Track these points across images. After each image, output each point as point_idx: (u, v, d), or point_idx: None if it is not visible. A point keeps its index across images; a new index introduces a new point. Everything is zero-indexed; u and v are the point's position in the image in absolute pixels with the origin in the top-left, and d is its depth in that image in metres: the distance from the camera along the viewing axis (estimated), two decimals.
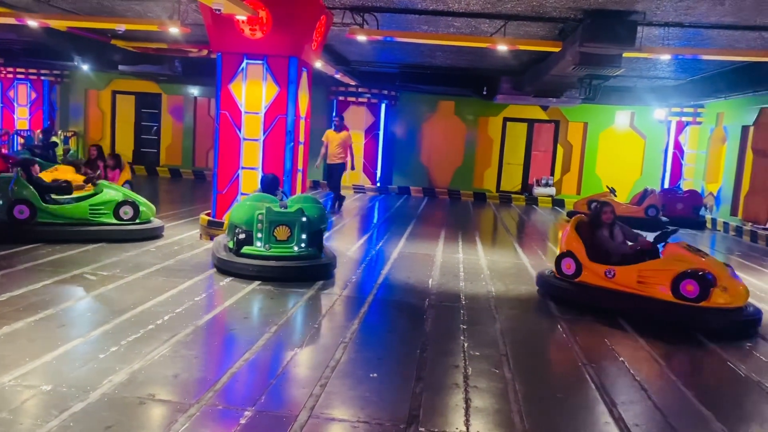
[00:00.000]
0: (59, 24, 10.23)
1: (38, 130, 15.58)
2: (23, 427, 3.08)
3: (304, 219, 6.53)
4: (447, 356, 4.56)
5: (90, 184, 8.22)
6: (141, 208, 8.15)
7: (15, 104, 17.35)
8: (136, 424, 3.23)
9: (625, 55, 8.64)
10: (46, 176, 8.87)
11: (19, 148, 15.06)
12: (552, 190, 17.09)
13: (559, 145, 17.47)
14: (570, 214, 13.49)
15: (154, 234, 8.21)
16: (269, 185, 7.12)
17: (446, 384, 4.04)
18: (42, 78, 17.32)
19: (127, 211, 8.00)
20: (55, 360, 3.96)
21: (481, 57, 12.03)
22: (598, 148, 17.27)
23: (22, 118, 17.30)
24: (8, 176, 7.81)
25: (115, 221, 7.93)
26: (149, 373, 3.85)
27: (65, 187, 8.09)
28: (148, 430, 3.17)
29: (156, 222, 8.44)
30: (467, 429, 3.41)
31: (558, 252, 6.64)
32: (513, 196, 17.30)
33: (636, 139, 17.16)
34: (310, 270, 6.52)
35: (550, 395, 4.02)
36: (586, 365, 4.57)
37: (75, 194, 8.07)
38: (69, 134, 17.56)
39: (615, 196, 13.44)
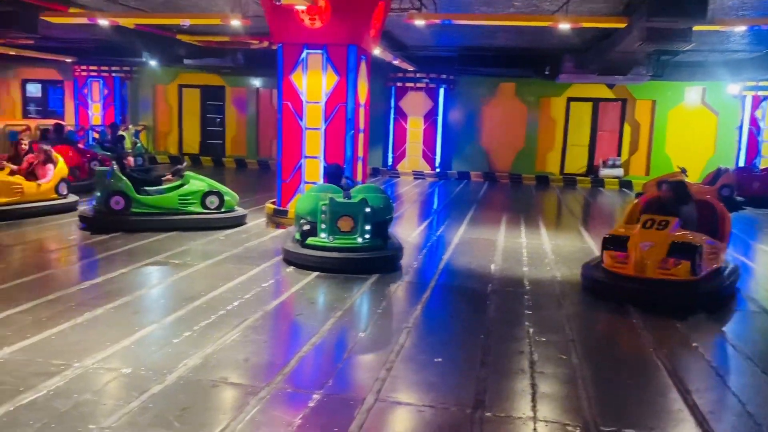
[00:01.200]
0: (128, 21, 10.62)
1: (108, 125, 16.25)
2: (106, 408, 3.26)
3: (367, 210, 6.41)
4: (512, 342, 4.53)
5: (176, 176, 8.52)
6: (225, 198, 8.42)
7: (89, 101, 18.14)
8: (210, 405, 3.36)
9: (695, 28, 8.26)
10: None
11: (92, 143, 15.76)
12: (619, 171, 16.58)
13: (626, 124, 16.90)
14: (639, 196, 13.06)
15: (238, 222, 8.49)
16: (333, 175, 7.11)
17: (512, 369, 4.01)
18: (113, 75, 18.02)
19: (213, 201, 8.31)
20: (133, 344, 4.16)
21: (543, 36, 11.74)
22: (667, 127, 16.61)
23: (96, 114, 18.08)
24: (105, 169, 8.23)
25: (202, 210, 8.24)
26: (221, 357, 3.99)
27: (156, 179, 8.47)
28: (222, 412, 3.29)
29: (240, 210, 8.68)
30: (534, 414, 3.39)
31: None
32: (578, 178, 16.87)
33: (708, 116, 16.41)
34: (374, 262, 6.38)
35: (619, 381, 3.93)
36: (657, 351, 4.44)
37: (165, 186, 8.43)
38: (139, 128, 18.24)
39: (686, 176, 12.92)
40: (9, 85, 19.62)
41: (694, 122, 16.43)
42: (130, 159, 8.68)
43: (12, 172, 8.71)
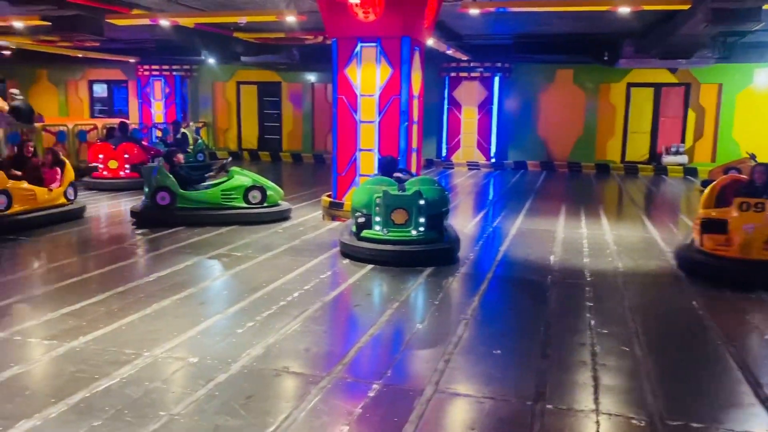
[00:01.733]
0: (187, 21, 10.93)
1: (171, 123, 16.78)
2: (175, 395, 3.39)
3: (421, 202, 6.37)
4: (572, 334, 4.45)
5: (221, 172, 8.73)
6: (268, 192, 8.54)
7: (152, 99, 18.77)
8: (273, 394, 3.45)
9: (765, 7, 7.87)
10: None
11: (156, 140, 16.32)
12: (684, 158, 15.99)
13: (690, 110, 16.27)
14: (705, 184, 12.59)
15: (281, 216, 8.58)
16: (387, 167, 7.11)
17: (573, 361, 3.95)
18: (174, 73, 18.57)
19: (255, 195, 8.44)
20: (199, 334, 4.30)
21: (601, 21, 11.42)
22: (735, 111, 15.89)
23: (158, 112, 18.69)
24: (152, 166, 8.51)
25: (244, 205, 8.40)
26: (283, 347, 4.08)
27: (201, 176, 8.71)
28: (284, 401, 3.37)
29: (284, 205, 8.80)
30: (597, 407, 3.33)
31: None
32: (639, 166, 16.37)
33: None
34: (429, 254, 6.32)
35: (686, 374, 3.82)
36: (726, 343, 4.29)
37: (211, 182, 8.64)
38: (199, 125, 18.74)
39: (756, 161, 12.36)
40: (77, 86, 20.48)
41: (764, 106, 15.67)
42: (180, 156, 8.87)
43: (15, 177, 7.89)
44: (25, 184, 7.91)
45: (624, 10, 8.56)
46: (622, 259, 6.68)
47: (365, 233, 6.48)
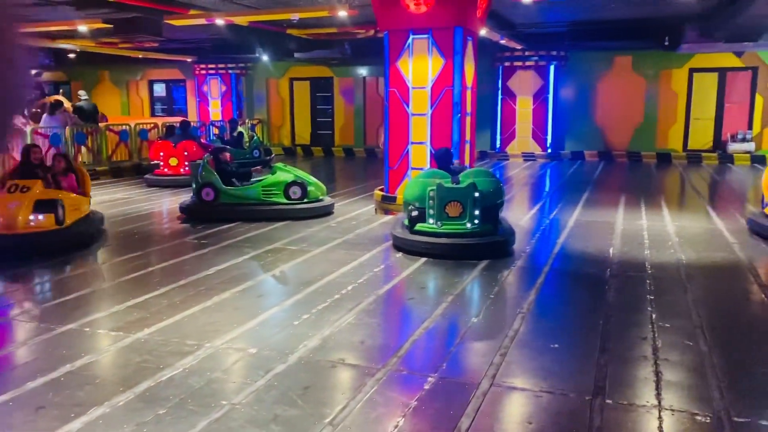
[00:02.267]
0: (242, 19, 11.13)
1: (228, 121, 17.16)
2: (235, 385, 3.47)
3: (476, 194, 6.29)
4: (633, 327, 4.34)
5: (265, 168, 8.86)
6: (309, 188, 8.54)
7: (209, 97, 19.23)
8: (330, 385, 3.50)
9: None
10: None
11: (213, 138, 16.72)
12: (750, 146, 15.30)
13: (757, 95, 15.54)
14: None
15: (323, 212, 8.56)
16: (442, 159, 7.01)
17: (633, 356, 3.85)
18: (230, 72, 18.97)
19: (295, 191, 8.48)
20: (258, 326, 4.40)
21: (662, 4, 11.04)
22: None
23: (215, 110, 19.14)
24: (198, 163, 8.73)
25: (284, 201, 8.46)
26: (338, 339, 4.13)
27: (246, 173, 8.85)
28: (341, 391, 3.41)
29: (326, 200, 8.79)
30: (659, 403, 3.24)
31: None
32: (703, 154, 15.77)
33: None
34: (483, 247, 6.26)
35: (754, 370, 3.67)
36: None
37: (255, 178, 8.78)
38: (255, 122, 19.11)
39: None
40: (138, 86, 21.19)
41: None
42: (227, 154, 9.05)
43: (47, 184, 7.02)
44: (72, 195, 7.19)
45: None
46: (684, 251, 6.46)
47: (419, 226, 6.44)
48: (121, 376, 3.62)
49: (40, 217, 6.61)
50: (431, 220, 6.40)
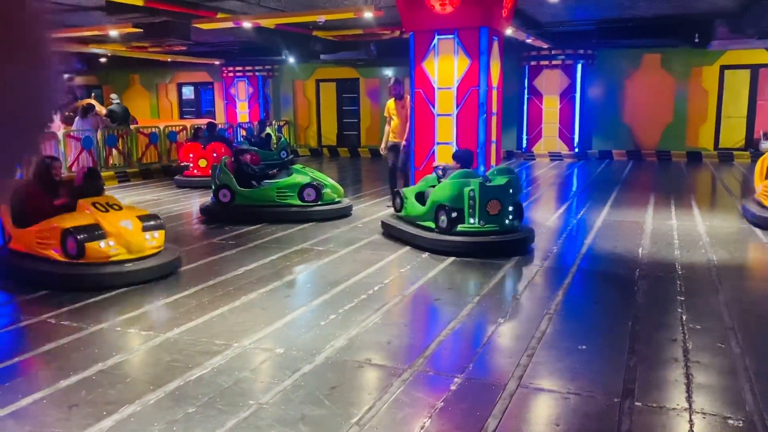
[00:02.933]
0: (268, 22, 11.24)
1: (256, 122, 17.34)
2: (263, 385, 3.51)
3: (511, 191, 6.44)
4: (663, 329, 4.28)
5: (282, 170, 8.93)
6: (324, 191, 8.51)
7: (236, 99, 19.45)
8: (357, 385, 3.52)
9: None
10: None
11: (241, 139, 16.90)
12: None
13: None
14: None
15: (338, 214, 8.52)
16: (464, 159, 7.06)
17: (663, 358, 3.80)
18: (257, 74, 19.16)
19: (309, 193, 8.46)
20: (285, 326, 4.44)
21: (691, 1, 10.85)
22: None
23: (242, 111, 19.35)
24: (216, 165, 8.84)
25: (298, 202, 8.46)
26: (365, 339, 4.15)
27: (264, 174, 8.91)
28: (368, 392, 3.43)
29: (343, 202, 8.78)
30: (690, 406, 3.19)
31: None
32: (735, 153, 15.45)
33: None
34: (516, 244, 6.41)
35: None
36: None
37: (274, 179, 8.81)
38: (281, 123, 19.26)
39: None
40: (167, 89, 21.52)
41: None
42: (248, 156, 9.13)
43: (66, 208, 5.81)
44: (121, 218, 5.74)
45: None
46: (716, 251, 6.35)
47: (462, 227, 6.46)
48: (152, 374, 3.69)
49: (156, 235, 5.82)
50: (472, 220, 6.44)
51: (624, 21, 13.78)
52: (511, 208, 6.45)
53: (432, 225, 6.69)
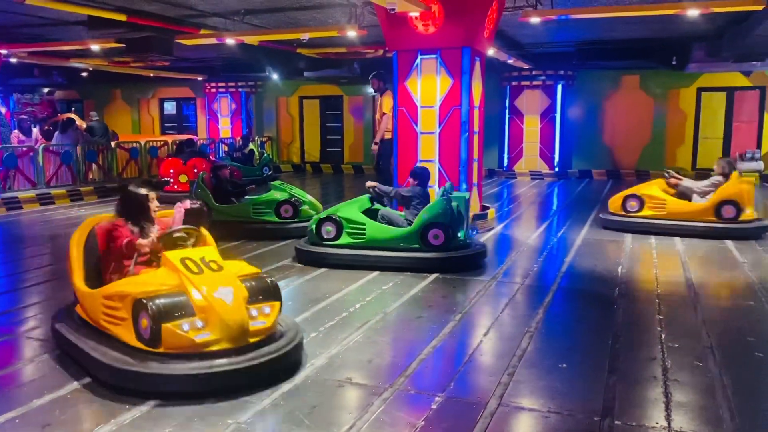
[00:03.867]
0: (252, 39, 11.26)
1: (239, 138, 17.31)
2: (242, 404, 3.46)
3: (467, 206, 6.96)
4: (642, 348, 4.31)
5: (261, 186, 8.95)
6: (301, 208, 8.46)
7: (219, 115, 19.42)
8: (337, 404, 3.49)
9: None
10: None
11: (223, 155, 16.86)
12: (759, 165, 15.20)
13: (766, 114, 15.52)
14: None
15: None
16: (425, 177, 7.13)
17: (643, 377, 3.82)
18: (240, 90, 19.17)
19: (287, 210, 8.42)
20: None
21: (669, 24, 11.08)
22: None
23: (225, 127, 19.32)
24: (194, 181, 8.82)
25: (275, 219, 8.42)
26: (345, 358, 4.12)
27: (242, 190, 8.93)
28: (348, 411, 3.40)
29: None
30: (669, 424, 3.21)
31: None
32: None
33: None
34: (477, 258, 6.73)
35: (765, 391, 3.64)
36: None
37: (252, 196, 8.86)
38: (264, 139, 19.25)
39: None
40: (149, 104, 21.42)
41: None
42: (226, 171, 9.18)
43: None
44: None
45: (693, 13, 8.27)
46: (694, 271, 6.43)
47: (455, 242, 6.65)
48: (128, 393, 3.62)
49: (266, 309, 3.89)
50: (459, 235, 6.70)
51: (603, 43, 14.03)
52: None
53: (413, 245, 6.56)
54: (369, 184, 7.23)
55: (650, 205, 8.62)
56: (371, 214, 7.01)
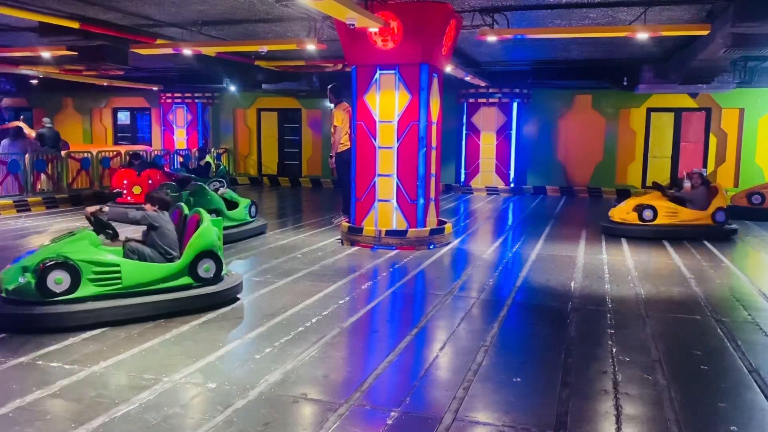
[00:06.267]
0: (209, 50, 11.13)
1: (195, 149, 17.05)
2: (193, 421, 3.39)
3: None
4: (594, 361, 4.39)
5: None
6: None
7: (174, 126, 19.10)
8: (291, 421, 3.43)
9: None
10: None
11: (179, 166, 16.57)
12: None
13: (711, 135, 16.13)
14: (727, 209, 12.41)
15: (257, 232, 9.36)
16: (165, 202, 5.92)
17: (594, 390, 3.89)
18: (196, 101, 18.91)
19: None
20: (218, 360, 4.31)
21: (620, 46, 11.45)
22: (757, 136, 15.74)
23: (180, 138, 19.01)
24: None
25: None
26: (301, 373, 4.07)
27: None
28: (302, 428, 3.36)
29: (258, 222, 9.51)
30: None
31: None
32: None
33: None
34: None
35: (711, 404, 3.74)
36: (753, 372, 4.20)
37: None
38: (221, 151, 19.01)
39: None
40: (101, 114, 20.92)
41: None
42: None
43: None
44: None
45: (642, 36, 8.57)
46: (644, 285, 6.60)
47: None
48: (74, 411, 3.50)
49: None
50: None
51: (558, 63, 14.40)
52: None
53: (181, 282, 5.47)
54: (89, 210, 5.52)
55: (663, 214, 9.85)
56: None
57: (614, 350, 4.60)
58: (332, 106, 10.30)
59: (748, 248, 9.14)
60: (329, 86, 10.32)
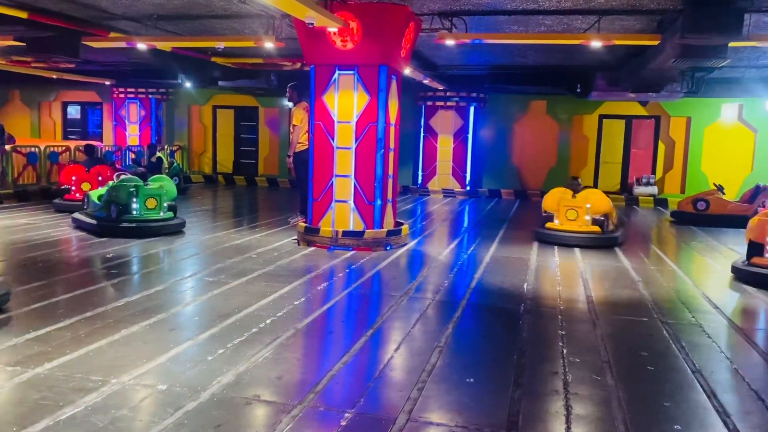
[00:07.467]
0: (164, 45, 10.91)
1: (146, 146, 16.68)
2: (142, 424, 3.31)
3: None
4: (545, 362, 4.47)
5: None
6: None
7: (126, 122, 18.63)
8: (244, 423, 3.39)
9: (731, 44, 8.15)
10: None
11: (130, 162, 16.18)
12: (654, 189, 16.32)
13: (660, 142, 16.68)
14: (674, 215, 12.84)
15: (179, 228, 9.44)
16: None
17: (545, 390, 3.96)
18: (150, 96, 18.49)
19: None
20: (168, 361, 4.22)
21: (574, 54, 11.71)
22: (703, 144, 16.34)
23: (133, 134, 18.55)
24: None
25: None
26: (254, 375, 4.02)
27: None
28: (255, 430, 3.31)
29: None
30: None
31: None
32: (611, 196, 16.58)
33: (745, 133, 16.10)
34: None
35: (656, 403, 3.85)
36: (696, 372, 4.34)
37: None
38: (174, 148, 18.64)
39: (723, 193, 12.66)
40: (50, 107, 20.27)
41: (731, 139, 16.14)
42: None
43: None
44: None
45: (596, 44, 8.79)
46: (594, 288, 6.75)
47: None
48: (17, 414, 3.37)
49: None
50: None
51: (513, 68, 14.65)
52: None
53: None
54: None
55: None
56: None
57: (565, 351, 4.70)
58: (291, 104, 10.24)
59: (693, 253, 9.46)
60: (290, 85, 10.23)
